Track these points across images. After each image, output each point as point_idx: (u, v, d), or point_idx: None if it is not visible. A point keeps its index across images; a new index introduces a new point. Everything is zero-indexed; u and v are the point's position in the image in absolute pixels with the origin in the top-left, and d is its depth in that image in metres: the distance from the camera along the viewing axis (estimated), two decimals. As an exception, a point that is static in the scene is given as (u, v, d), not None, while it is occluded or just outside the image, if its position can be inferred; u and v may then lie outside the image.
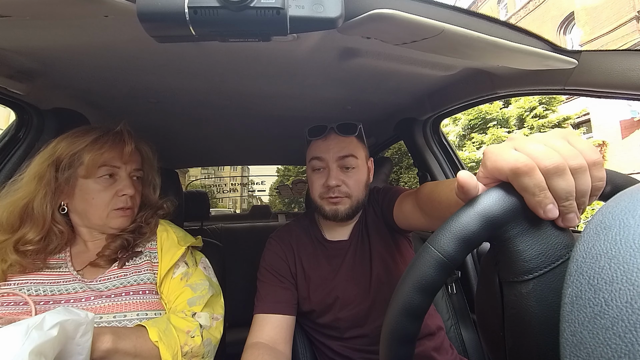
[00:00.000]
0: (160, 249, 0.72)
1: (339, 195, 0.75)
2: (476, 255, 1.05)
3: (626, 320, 0.17)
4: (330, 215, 0.77)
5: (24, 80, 0.73)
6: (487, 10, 13.60)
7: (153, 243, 0.73)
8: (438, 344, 0.76)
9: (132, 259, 0.69)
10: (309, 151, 0.81)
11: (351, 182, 0.76)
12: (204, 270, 0.75)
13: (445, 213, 0.48)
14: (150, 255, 0.71)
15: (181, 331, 0.60)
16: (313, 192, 0.79)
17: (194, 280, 0.70)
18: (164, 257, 0.70)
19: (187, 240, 0.75)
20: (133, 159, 0.71)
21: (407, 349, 0.30)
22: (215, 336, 0.66)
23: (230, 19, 0.36)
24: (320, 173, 0.78)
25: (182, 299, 0.66)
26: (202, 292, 0.69)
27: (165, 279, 0.69)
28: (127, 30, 0.54)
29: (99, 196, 0.66)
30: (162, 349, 0.56)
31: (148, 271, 0.68)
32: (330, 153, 0.76)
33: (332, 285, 0.77)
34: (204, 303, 0.67)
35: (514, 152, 0.28)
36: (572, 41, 10.10)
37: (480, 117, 8.61)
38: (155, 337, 0.56)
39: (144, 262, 0.69)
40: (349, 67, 0.74)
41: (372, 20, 0.46)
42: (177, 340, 0.58)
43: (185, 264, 0.72)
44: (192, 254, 0.77)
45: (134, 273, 0.67)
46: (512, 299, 0.27)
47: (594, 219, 0.22)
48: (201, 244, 0.80)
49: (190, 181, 9.37)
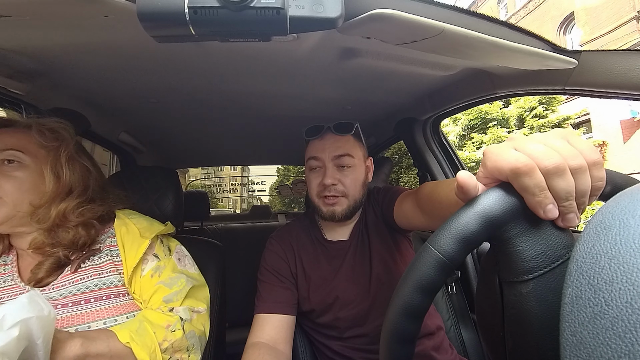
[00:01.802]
0: (122, 245, 0.63)
1: (335, 195, 0.75)
2: (476, 255, 1.05)
3: (626, 321, 0.17)
4: (328, 216, 0.77)
5: (24, 80, 0.73)
6: (487, 10, 13.60)
7: (113, 240, 0.65)
8: (438, 344, 0.76)
9: (89, 258, 0.61)
10: (306, 151, 0.81)
11: (348, 181, 0.76)
12: (177, 262, 0.68)
13: (445, 213, 0.49)
14: (111, 254, 0.63)
15: (159, 327, 0.56)
16: (311, 191, 0.80)
17: (166, 275, 0.64)
18: (128, 254, 0.62)
19: (152, 229, 0.67)
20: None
21: (407, 348, 0.30)
22: (198, 328, 0.62)
23: (230, 19, 0.36)
24: (317, 172, 0.78)
25: (156, 297, 0.61)
26: (179, 286, 0.63)
27: (134, 278, 0.62)
28: (127, 30, 0.54)
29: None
30: (136, 349, 0.51)
31: (112, 273, 0.61)
32: (326, 152, 0.76)
33: (332, 285, 0.77)
34: (182, 298, 0.62)
35: (514, 152, 0.28)
36: (572, 41, 10.10)
37: (480, 117, 8.61)
38: (127, 338, 0.51)
39: (106, 263, 0.62)
40: (349, 67, 0.74)
41: (372, 20, 0.46)
42: (153, 338, 0.54)
43: (155, 257, 0.65)
44: (163, 243, 0.69)
45: (94, 276, 0.60)
46: (512, 299, 0.27)
47: (594, 219, 0.22)
48: (172, 229, 0.72)
49: (190, 181, 9.36)
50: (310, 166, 0.79)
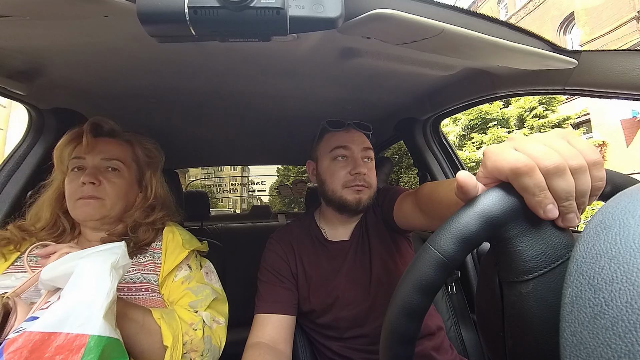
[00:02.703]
0: (165, 249, 0.71)
1: (364, 184, 0.77)
2: (476, 255, 1.05)
3: (626, 320, 0.17)
4: (354, 203, 0.76)
5: (24, 80, 0.73)
6: (487, 10, 13.60)
7: (158, 243, 0.73)
8: (438, 344, 0.76)
9: (137, 256, 0.69)
10: (327, 142, 0.82)
11: (372, 174, 0.80)
12: (205, 275, 0.75)
13: (445, 213, 0.49)
14: (154, 255, 0.71)
15: (184, 321, 0.61)
16: (335, 181, 0.78)
17: (194, 283, 0.70)
18: (168, 259, 0.70)
19: (192, 243, 0.75)
20: (102, 149, 0.70)
21: (407, 349, 0.30)
22: (215, 337, 0.66)
23: (230, 19, 0.36)
24: (345, 161, 0.79)
25: (183, 301, 0.66)
26: (204, 295, 0.68)
27: (167, 281, 0.69)
28: (127, 30, 0.54)
29: (69, 188, 0.68)
30: (164, 327, 0.57)
31: (151, 272, 0.68)
32: (356, 143, 0.79)
33: (332, 285, 0.77)
34: (206, 305, 0.67)
35: (514, 152, 0.28)
36: (572, 41, 10.10)
37: (480, 117, 8.61)
38: (158, 315, 0.58)
39: (148, 262, 0.69)
40: (349, 67, 0.74)
41: (372, 20, 0.46)
42: (179, 325, 0.59)
43: (188, 267, 0.72)
44: (197, 258, 0.77)
45: (138, 270, 0.67)
46: (512, 299, 0.27)
47: (594, 219, 0.22)
48: (207, 249, 0.80)
49: (190, 181, 9.37)
50: (335, 155, 0.80)
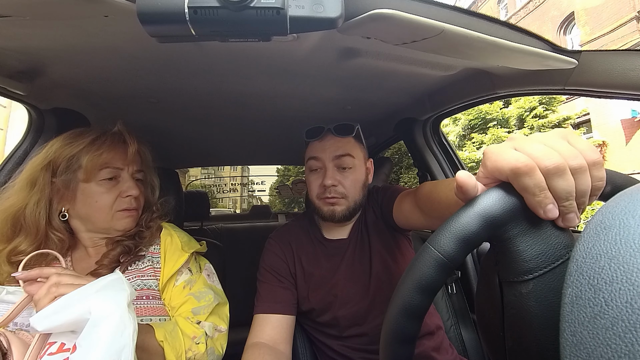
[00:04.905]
0: (164, 254, 0.70)
1: (335, 196, 0.75)
2: (476, 255, 1.05)
3: (626, 320, 0.17)
4: (328, 216, 0.77)
5: (24, 80, 0.73)
6: (487, 10, 13.59)
7: (156, 247, 0.71)
8: (437, 344, 0.76)
9: (135, 262, 0.67)
10: (306, 152, 0.81)
11: (347, 183, 0.76)
12: (207, 278, 0.74)
13: (445, 212, 0.49)
14: (153, 260, 0.69)
15: (187, 336, 0.60)
16: (311, 193, 0.79)
17: (197, 288, 0.69)
18: (167, 263, 0.68)
19: (191, 246, 0.73)
20: (135, 159, 0.70)
21: (407, 349, 0.30)
22: (217, 347, 0.66)
23: (230, 19, 0.36)
24: (317, 173, 0.78)
25: (186, 307, 0.65)
26: (207, 301, 0.67)
27: (168, 286, 0.67)
28: (127, 30, 0.54)
29: (102, 198, 0.65)
30: (167, 349, 0.56)
31: (151, 277, 0.67)
32: (327, 152, 0.76)
33: (331, 283, 0.77)
34: (208, 312, 0.66)
35: (514, 152, 0.28)
36: (572, 41, 10.10)
37: (480, 117, 8.60)
38: (161, 337, 0.56)
39: (147, 268, 0.68)
40: (349, 67, 0.74)
41: (372, 20, 0.46)
42: (182, 343, 0.58)
43: (188, 270, 0.71)
44: (196, 260, 0.75)
45: (137, 277, 0.66)
46: (512, 299, 0.27)
47: (594, 219, 0.22)
48: (205, 249, 0.79)
49: (190, 181, 9.37)
50: (310, 167, 0.79)
